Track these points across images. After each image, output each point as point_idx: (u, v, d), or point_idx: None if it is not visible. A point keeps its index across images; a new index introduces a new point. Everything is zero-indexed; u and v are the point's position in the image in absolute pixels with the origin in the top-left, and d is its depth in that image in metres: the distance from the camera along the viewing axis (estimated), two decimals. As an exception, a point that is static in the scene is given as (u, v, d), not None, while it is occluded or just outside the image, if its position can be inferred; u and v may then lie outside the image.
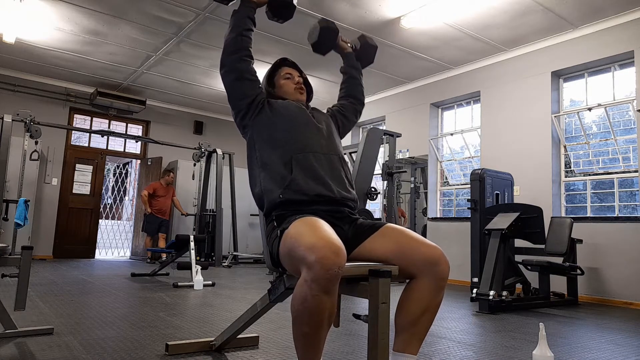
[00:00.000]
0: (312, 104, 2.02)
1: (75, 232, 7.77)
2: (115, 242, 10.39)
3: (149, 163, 8.50)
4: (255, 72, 1.82)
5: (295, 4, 1.91)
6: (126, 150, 8.64)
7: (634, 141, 4.75)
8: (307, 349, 1.38)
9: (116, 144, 8.52)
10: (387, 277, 1.37)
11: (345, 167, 1.80)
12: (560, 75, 5.46)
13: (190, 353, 2.08)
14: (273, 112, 1.78)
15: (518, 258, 4.45)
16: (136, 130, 8.62)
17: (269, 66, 2.00)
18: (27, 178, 6.27)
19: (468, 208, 4.81)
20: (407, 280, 1.55)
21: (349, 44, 2.07)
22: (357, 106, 2.07)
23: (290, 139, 1.71)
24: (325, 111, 2.01)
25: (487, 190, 4.72)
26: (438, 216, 6.69)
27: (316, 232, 1.36)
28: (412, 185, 7.33)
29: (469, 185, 4.84)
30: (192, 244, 4.87)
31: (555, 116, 5.32)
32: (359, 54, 2.09)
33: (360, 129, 8.23)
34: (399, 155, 6.76)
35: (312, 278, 1.27)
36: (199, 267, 4.64)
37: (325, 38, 1.95)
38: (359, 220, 1.70)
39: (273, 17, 1.93)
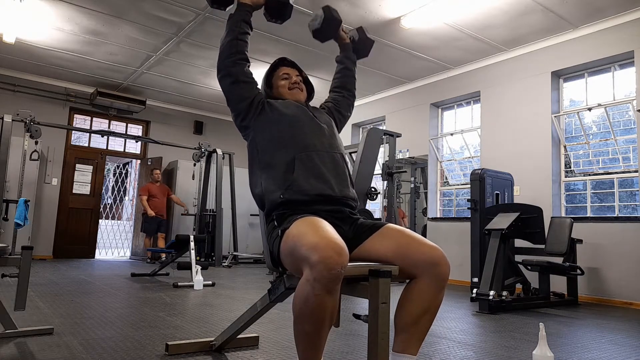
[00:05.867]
0: (315, 103, 2.01)
1: (75, 232, 7.77)
2: (115, 242, 10.39)
3: (149, 163, 8.49)
4: (251, 74, 1.81)
5: (292, 4, 1.91)
6: (126, 150, 8.64)
7: (634, 141, 4.75)
8: (308, 348, 1.38)
9: (116, 144, 8.52)
10: (387, 277, 1.37)
11: (347, 165, 1.81)
12: (560, 75, 5.46)
13: (190, 353, 2.08)
14: (273, 113, 1.78)
15: (518, 258, 4.45)
16: (136, 130, 8.62)
17: (269, 66, 2.00)
18: (27, 178, 6.26)
19: (468, 208, 4.81)
20: (407, 281, 1.55)
21: (347, 35, 2.09)
22: (350, 99, 2.08)
23: (292, 139, 1.71)
24: (319, 107, 2.01)
25: (487, 190, 4.72)
26: (438, 216, 6.69)
27: (318, 232, 1.36)
28: (412, 185, 7.33)
29: (469, 185, 4.84)
30: (192, 244, 4.88)
31: (555, 116, 5.32)
32: (356, 46, 2.09)
33: (360, 129, 8.23)
34: (399, 155, 6.75)
35: (314, 277, 1.27)
36: (199, 267, 4.64)
37: (328, 27, 1.94)
38: (360, 220, 1.70)
39: (271, 18, 1.92)
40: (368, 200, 5.33)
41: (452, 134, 6.66)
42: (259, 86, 1.87)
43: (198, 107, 8.96)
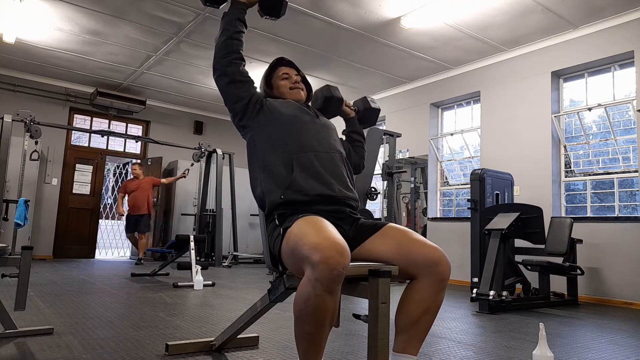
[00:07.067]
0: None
1: (75, 232, 7.77)
2: (115, 242, 10.39)
3: (149, 163, 8.50)
4: (247, 73, 1.80)
5: (286, 0, 1.91)
6: (126, 150, 8.64)
7: (634, 141, 4.75)
8: (309, 348, 1.38)
9: (116, 144, 8.52)
10: (387, 277, 1.37)
11: (347, 165, 1.80)
12: (560, 75, 5.46)
13: (190, 353, 2.08)
14: (272, 112, 1.77)
15: (518, 258, 4.45)
16: (136, 130, 8.62)
17: (268, 66, 2.00)
18: (27, 178, 6.27)
19: (468, 208, 4.81)
20: (408, 281, 1.55)
21: (352, 108, 2.06)
22: (360, 163, 2.06)
23: (290, 139, 1.71)
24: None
25: (487, 190, 4.72)
26: (438, 216, 6.69)
27: (320, 232, 1.36)
28: (412, 185, 7.33)
29: (469, 185, 4.84)
30: (192, 244, 4.88)
31: (555, 116, 5.32)
32: (361, 117, 2.07)
33: (360, 129, 8.22)
34: (399, 155, 6.75)
35: (316, 277, 1.27)
36: (199, 267, 4.64)
37: (329, 106, 1.96)
38: (361, 220, 1.70)
39: (264, 15, 1.93)
40: (368, 200, 5.33)
41: (452, 134, 6.66)
42: (257, 85, 1.87)
43: (198, 107, 8.96)
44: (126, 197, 7.43)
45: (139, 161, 8.05)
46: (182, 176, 7.53)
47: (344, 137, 2.08)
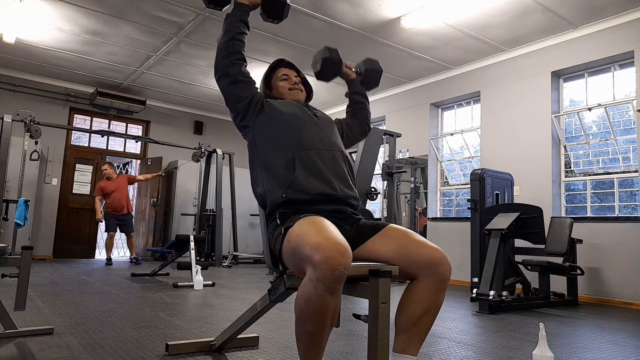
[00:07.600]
0: (313, 104, 2.02)
1: (75, 232, 7.77)
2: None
3: (149, 163, 8.49)
4: (248, 73, 1.81)
5: (289, 3, 1.91)
6: (126, 150, 8.64)
7: (634, 141, 4.74)
8: (310, 348, 1.38)
9: (116, 144, 8.52)
10: (387, 277, 1.37)
11: (348, 163, 1.80)
12: (560, 75, 5.46)
13: (190, 353, 2.08)
14: (273, 112, 1.78)
15: (518, 258, 4.45)
16: (136, 130, 8.62)
17: (267, 67, 2.00)
18: (27, 178, 6.26)
19: (468, 208, 4.81)
20: (408, 281, 1.55)
21: (353, 69, 2.01)
22: (365, 127, 2.06)
23: (291, 138, 1.71)
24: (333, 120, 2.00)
25: (487, 190, 4.72)
26: (438, 216, 6.69)
27: (322, 232, 1.36)
28: (412, 185, 7.33)
29: (469, 185, 4.84)
30: (192, 244, 4.88)
31: (555, 116, 5.32)
32: (364, 79, 2.02)
33: (360, 129, 8.21)
34: (399, 155, 6.75)
35: (317, 277, 1.27)
36: (199, 267, 4.64)
37: (328, 69, 1.90)
38: (362, 221, 1.70)
39: (267, 18, 1.92)
40: (368, 200, 5.33)
41: (452, 134, 6.66)
42: (258, 85, 1.87)
43: (198, 107, 8.96)
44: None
45: (109, 161, 7.66)
46: (160, 175, 7.79)
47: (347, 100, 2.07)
